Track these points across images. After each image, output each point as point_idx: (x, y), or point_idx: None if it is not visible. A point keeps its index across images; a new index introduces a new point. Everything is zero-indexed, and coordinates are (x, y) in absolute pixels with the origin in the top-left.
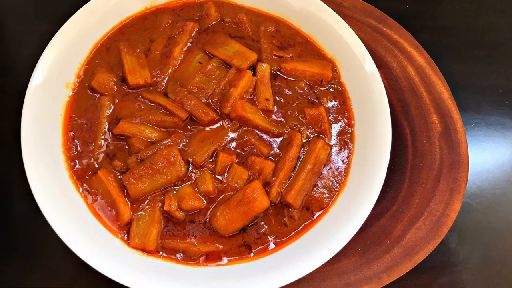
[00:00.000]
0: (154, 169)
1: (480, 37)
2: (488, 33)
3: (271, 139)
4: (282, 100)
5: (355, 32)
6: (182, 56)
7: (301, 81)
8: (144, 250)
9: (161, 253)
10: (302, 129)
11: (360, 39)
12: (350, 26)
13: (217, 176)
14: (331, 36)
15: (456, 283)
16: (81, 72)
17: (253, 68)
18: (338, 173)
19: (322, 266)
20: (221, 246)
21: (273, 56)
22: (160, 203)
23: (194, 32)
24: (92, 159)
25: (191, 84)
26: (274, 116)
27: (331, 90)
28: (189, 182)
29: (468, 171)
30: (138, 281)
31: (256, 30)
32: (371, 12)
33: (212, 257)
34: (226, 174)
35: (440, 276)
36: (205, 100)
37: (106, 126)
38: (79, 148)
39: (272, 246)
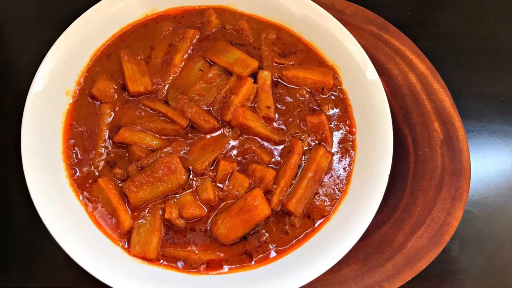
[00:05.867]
0: (155, 177)
1: (482, 44)
2: (490, 41)
3: (272, 147)
4: (283, 107)
5: (357, 39)
6: (183, 63)
7: (303, 88)
8: (144, 258)
9: (161, 261)
10: (303, 136)
11: (362, 46)
12: (352, 33)
13: (218, 184)
14: (332, 43)
15: None
16: (82, 80)
17: (254, 76)
18: (339, 181)
19: (324, 274)
20: (222, 254)
21: (274, 64)
22: (160, 211)
23: (195, 39)
24: (93, 167)
25: (192, 91)
26: (275, 124)
27: (333, 97)
28: (190, 190)
29: (470, 179)
30: None
31: (257, 37)
32: (373, 19)
33: (213, 265)
34: (227, 182)
35: (442, 284)
36: (206, 108)
37: (107, 133)
38: (79, 156)
39: (273, 254)
